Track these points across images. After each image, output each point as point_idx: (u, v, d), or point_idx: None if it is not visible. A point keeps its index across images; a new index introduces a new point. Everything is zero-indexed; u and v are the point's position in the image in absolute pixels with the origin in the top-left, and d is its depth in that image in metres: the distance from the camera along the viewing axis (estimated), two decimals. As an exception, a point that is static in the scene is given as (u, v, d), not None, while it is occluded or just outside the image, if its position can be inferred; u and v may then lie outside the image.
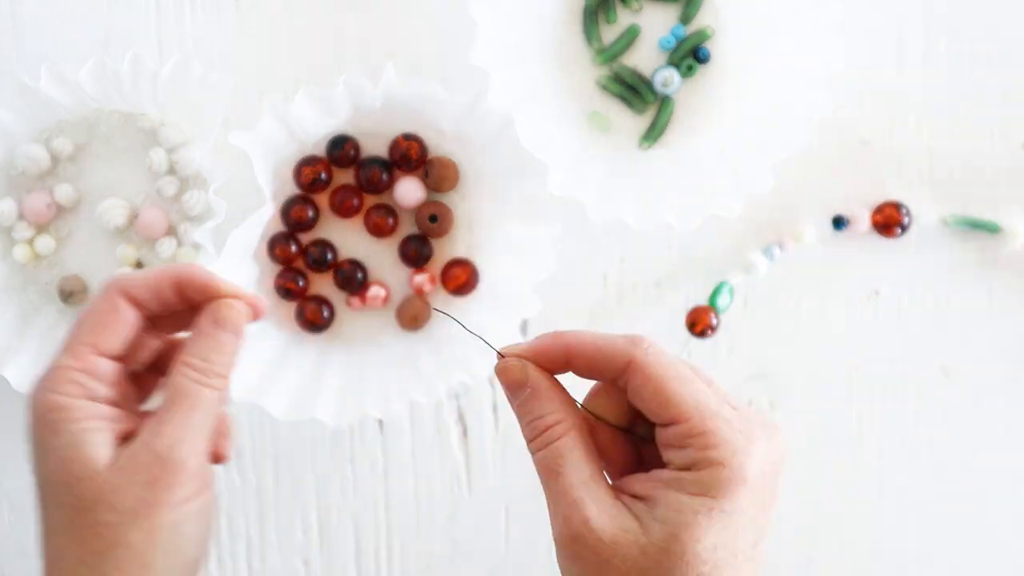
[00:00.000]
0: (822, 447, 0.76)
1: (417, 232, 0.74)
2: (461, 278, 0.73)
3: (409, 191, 0.73)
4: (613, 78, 0.73)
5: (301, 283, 0.73)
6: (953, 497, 0.77)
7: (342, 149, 0.72)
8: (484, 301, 0.73)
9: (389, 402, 0.71)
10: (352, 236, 0.74)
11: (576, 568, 0.49)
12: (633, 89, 0.73)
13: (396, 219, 0.74)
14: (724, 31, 0.73)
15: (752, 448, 0.48)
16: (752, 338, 0.75)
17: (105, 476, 0.49)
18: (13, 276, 0.73)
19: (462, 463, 0.76)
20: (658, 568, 0.47)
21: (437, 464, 0.76)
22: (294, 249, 0.73)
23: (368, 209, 0.74)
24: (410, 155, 0.72)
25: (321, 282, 0.74)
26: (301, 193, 0.73)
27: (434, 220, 0.73)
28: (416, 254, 0.73)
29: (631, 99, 0.73)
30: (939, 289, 0.75)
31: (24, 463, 0.51)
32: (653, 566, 0.47)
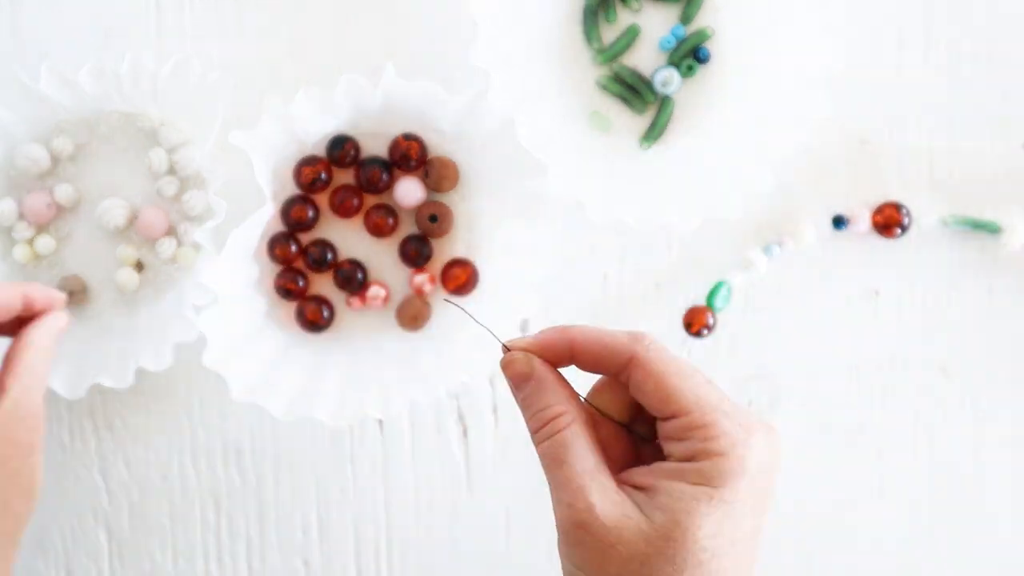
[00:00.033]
0: (822, 447, 0.76)
1: (417, 232, 0.74)
2: (461, 278, 0.73)
3: (409, 191, 0.73)
4: (613, 78, 0.73)
5: (301, 283, 0.73)
6: (953, 497, 0.77)
7: (342, 149, 0.72)
8: (484, 301, 0.73)
9: (389, 402, 0.71)
10: (352, 236, 0.74)
11: (579, 554, 0.50)
12: (633, 89, 0.73)
13: (396, 219, 0.74)
14: (724, 31, 0.73)
15: (751, 441, 0.50)
16: (752, 338, 0.75)
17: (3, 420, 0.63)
18: (13, 276, 0.73)
19: (462, 463, 0.76)
20: (659, 555, 0.49)
21: (437, 464, 0.76)
22: (294, 249, 0.73)
23: (368, 209, 0.74)
24: (410, 155, 0.72)
25: (321, 282, 0.74)
26: (301, 193, 0.73)
27: (434, 220, 0.73)
28: (416, 254, 0.73)
29: (631, 99, 0.73)
30: (939, 289, 0.75)
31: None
32: (654, 552, 0.49)
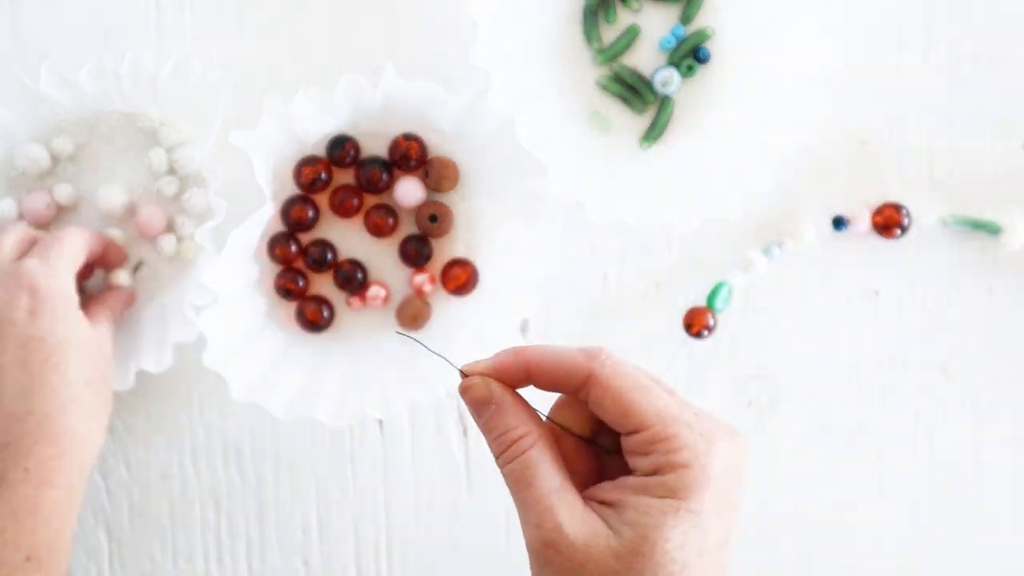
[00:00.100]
0: (822, 447, 0.76)
1: (417, 232, 0.74)
2: (461, 278, 0.73)
3: (409, 191, 0.73)
4: (613, 78, 0.73)
5: (301, 283, 0.73)
6: (953, 497, 0.77)
7: (342, 149, 0.72)
8: (484, 301, 0.73)
9: (389, 402, 0.71)
10: (352, 236, 0.74)
11: (549, 574, 0.50)
12: (633, 89, 0.73)
13: (396, 219, 0.74)
14: (724, 31, 0.73)
15: (714, 450, 0.50)
16: (752, 338, 0.75)
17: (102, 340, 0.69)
18: (13, 276, 0.73)
19: (462, 463, 0.76)
20: (629, 570, 0.49)
21: (437, 464, 0.76)
22: (294, 249, 0.73)
23: (368, 209, 0.74)
24: (410, 155, 0.72)
25: (321, 282, 0.74)
26: (301, 193, 0.73)
27: (434, 220, 0.73)
28: (416, 254, 0.73)
29: (631, 99, 0.73)
30: (939, 289, 0.75)
31: None
32: (624, 568, 0.49)
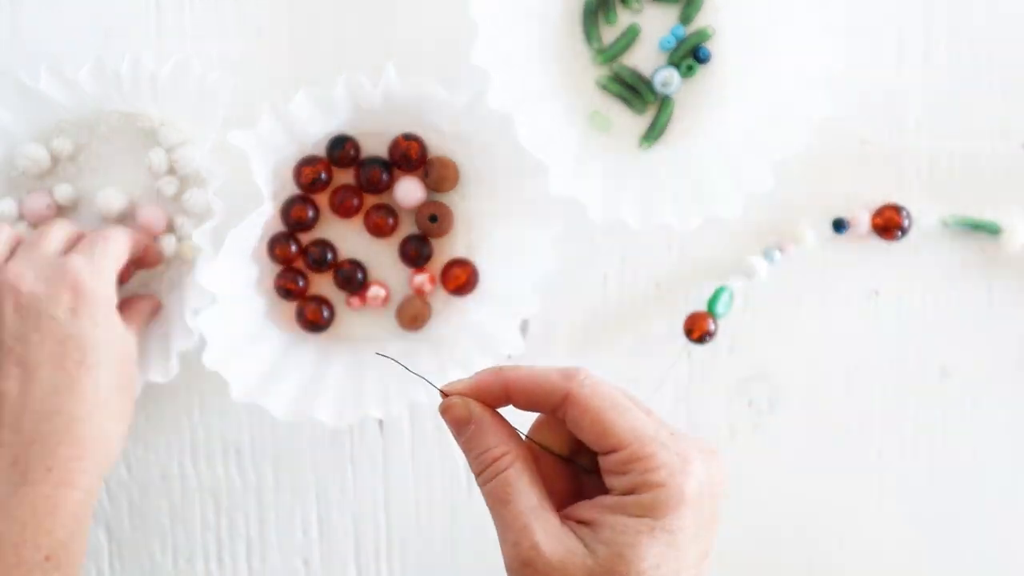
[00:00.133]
0: (822, 447, 0.76)
1: (417, 232, 0.74)
2: (461, 278, 0.73)
3: (409, 191, 0.73)
4: (613, 78, 0.73)
5: (301, 283, 0.73)
6: (953, 497, 0.77)
7: (342, 149, 0.72)
8: (484, 301, 0.73)
9: (389, 402, 0.71)
10: (352, 236, 0.74)
11: None
12: (633, 89, 0.73)
13: (396, 219, 0.74)
14: (724, 31, 0.73)
15: (690, 468, 0.50)
16: (752, 339, 0.75)
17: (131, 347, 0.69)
18: (13, 276, 0.73)
19: (462, 463, 0.76)
20: None
21: (437, 464, 0.76)
22: (294, 249, 0.73)
23: (368, 209, 0.74)
24: (410, 155, 0.72)
25: (321, 282, 0.74)
26: (301, 193, 0.73)
27: (434, 220, 0.73)
28: (416, 254, 0.73)
29: (631, 99, 0.73)
30: (939, 289, 0.75)
31: None
32: None
